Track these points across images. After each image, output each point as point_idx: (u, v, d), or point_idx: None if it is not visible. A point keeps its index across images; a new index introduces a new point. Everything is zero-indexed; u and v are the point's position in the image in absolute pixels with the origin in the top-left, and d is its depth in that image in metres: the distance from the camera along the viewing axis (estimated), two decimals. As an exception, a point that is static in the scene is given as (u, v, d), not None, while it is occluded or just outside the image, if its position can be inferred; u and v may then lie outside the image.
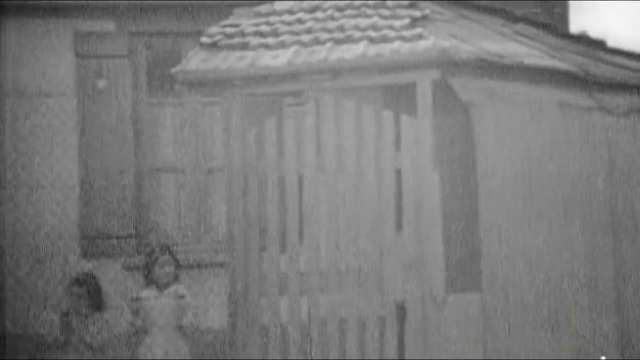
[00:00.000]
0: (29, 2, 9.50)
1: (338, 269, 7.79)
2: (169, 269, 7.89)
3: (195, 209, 9.81)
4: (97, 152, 9.56)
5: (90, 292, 7.61)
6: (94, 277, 7.84)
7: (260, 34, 8.60)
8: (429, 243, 7.67)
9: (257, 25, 8.78)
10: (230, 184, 8.07)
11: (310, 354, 7.72)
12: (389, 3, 8.65)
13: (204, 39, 8.56)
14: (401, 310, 7.66)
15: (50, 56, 9.69)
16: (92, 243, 9.51)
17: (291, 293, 7.82)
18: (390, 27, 8.21)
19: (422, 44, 7.89)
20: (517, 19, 8.95)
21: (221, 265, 8.25)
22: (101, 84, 9.60)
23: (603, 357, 7.82)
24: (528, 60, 8.05)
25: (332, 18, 8.60)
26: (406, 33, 8.06)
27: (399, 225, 7.77)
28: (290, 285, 7.84)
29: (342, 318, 7.74)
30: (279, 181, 7.96)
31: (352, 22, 8.42)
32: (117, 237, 9.54)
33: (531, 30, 8.83)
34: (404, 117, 7.84)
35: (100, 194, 9.51)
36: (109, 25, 9.68)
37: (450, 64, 7.78)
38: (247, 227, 7.95)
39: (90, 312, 7.60)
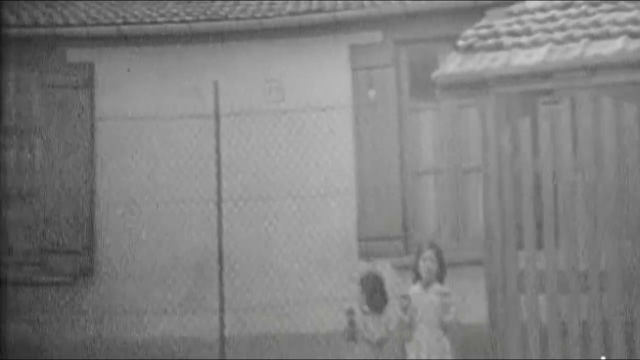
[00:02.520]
0: (306, 21, 10.01)
1: (599, 269, 7.69)
2: (432, 265, 8.03)
3: (454, 208, 9.99)
4: (369, 159, 9.94)
5: (374, 292, 7.89)
6: (378, 277, 8.09)
7: (513, 34, 8.62)
8: None
9: (509, 25, 8.81)
10: (486, 184, 8.15)
11: (571, 353, 7.69)
12: (651, -4, 8.43)
13: (460, 43, 8.68)
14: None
15: (329, 71, 10.17)
16: (367, 244, 9.91)
17: (550, 291, 7.81)
18: (653, 21, 8.00)
19: (694, 38, 7.59)
20: None
21: (479, 262, 8.36)
22: (372, 94, 9.96)
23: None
24: None
25: (586, 14, 8.49)
26: (674, 26, 7.81)
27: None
28: (549, 284, 7.83)
29: (604, 319, 7.63)
30: (535, 179, 7.97)
31: (609, 16, 8.27)
32: (387, 238, 9.89)
33: None
34: (672, 114, 7.59)
35: (372, 198, 9.88)
36: (378, 36, 10.06)
37: None
38: (503, 225, 8.00)
39: (374, 310, 7.89)
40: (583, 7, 8.60)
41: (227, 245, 9.79)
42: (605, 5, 8.49)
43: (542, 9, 8.90)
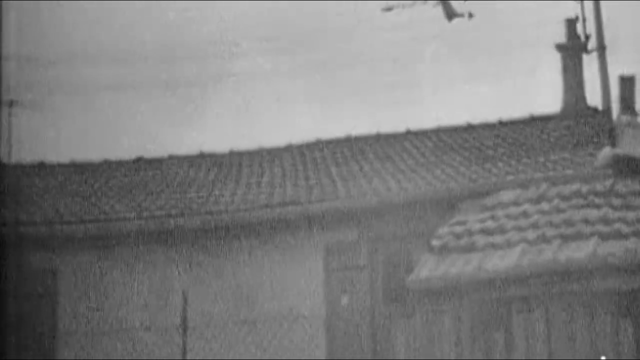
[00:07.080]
0: (280, 214, 9.45)
1: None
2: None
3: None
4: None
5: None
6: None
7: (487, 232, 8.25)
8: None
9: (483, 221, 8.44)
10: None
11: None
12: (620, 189, 8.07)
13: (434, 242, 8.31)
14: None
15: (302, 275, 9.56)
16: None
17: None
18: (623, 221, 7.59)
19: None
20: None
21: None
22: (344, 301, 9.45)
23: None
24: None
25: (558, 210, 8.10)
26: (644, 228, 7.43)
27: None
28: None
29: None
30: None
31: (580, 214, 7.88)
32: None
33: None
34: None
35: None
36: (352, 234, 9.49)
37: None
38: None
39: None
40: (555, 202, 8.24)
41: None
42: (576, 200, 8.14)
43: (516, 203, 8.55)
